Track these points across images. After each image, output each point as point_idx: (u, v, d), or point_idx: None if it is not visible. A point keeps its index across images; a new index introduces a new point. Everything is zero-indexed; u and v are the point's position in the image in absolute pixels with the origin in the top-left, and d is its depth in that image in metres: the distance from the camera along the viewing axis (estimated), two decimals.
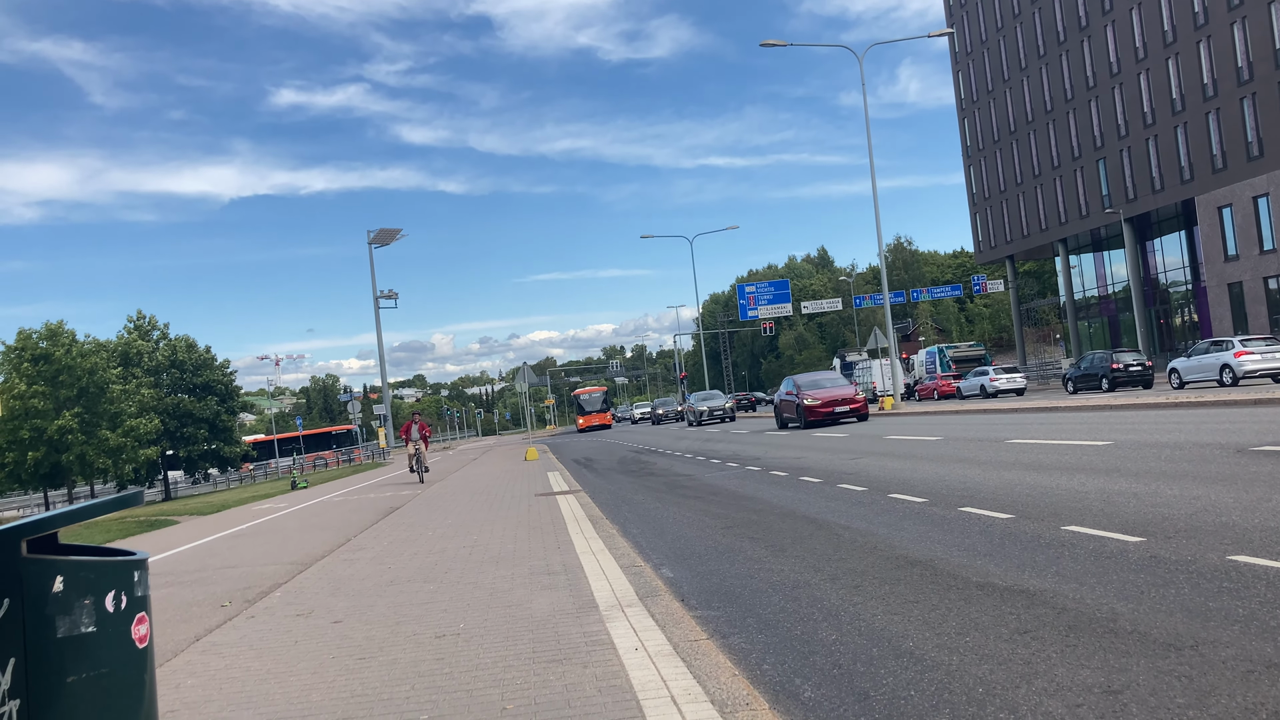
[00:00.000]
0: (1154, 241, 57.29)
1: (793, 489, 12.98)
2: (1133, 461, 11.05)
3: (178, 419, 58.29)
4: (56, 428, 44.65)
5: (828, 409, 29.29)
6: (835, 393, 30.20)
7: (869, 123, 35.54)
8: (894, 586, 6.34)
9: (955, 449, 15.88)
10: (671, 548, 9.40)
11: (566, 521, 11.86)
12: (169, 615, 8.20)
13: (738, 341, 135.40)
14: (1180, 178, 51.39)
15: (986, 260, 74.29)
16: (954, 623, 5.26)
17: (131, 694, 3.16)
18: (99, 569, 3.07)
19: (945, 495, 10.21)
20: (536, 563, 8.82)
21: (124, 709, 3.13)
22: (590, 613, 6.41)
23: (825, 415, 29.20)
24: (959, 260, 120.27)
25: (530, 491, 17.45)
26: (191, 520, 22.09)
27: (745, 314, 76.67)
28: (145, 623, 3.20)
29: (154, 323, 60.94)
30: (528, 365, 37.77)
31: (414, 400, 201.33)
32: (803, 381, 31.58)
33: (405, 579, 8.80)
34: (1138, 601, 5.17)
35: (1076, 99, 59.05)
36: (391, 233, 53.55)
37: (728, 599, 6.72)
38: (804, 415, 29.36)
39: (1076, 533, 7.25)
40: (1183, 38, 50.01)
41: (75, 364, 45.89)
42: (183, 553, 14.16)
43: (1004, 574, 6.26)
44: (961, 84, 72.37)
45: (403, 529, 13.49)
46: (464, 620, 6.62)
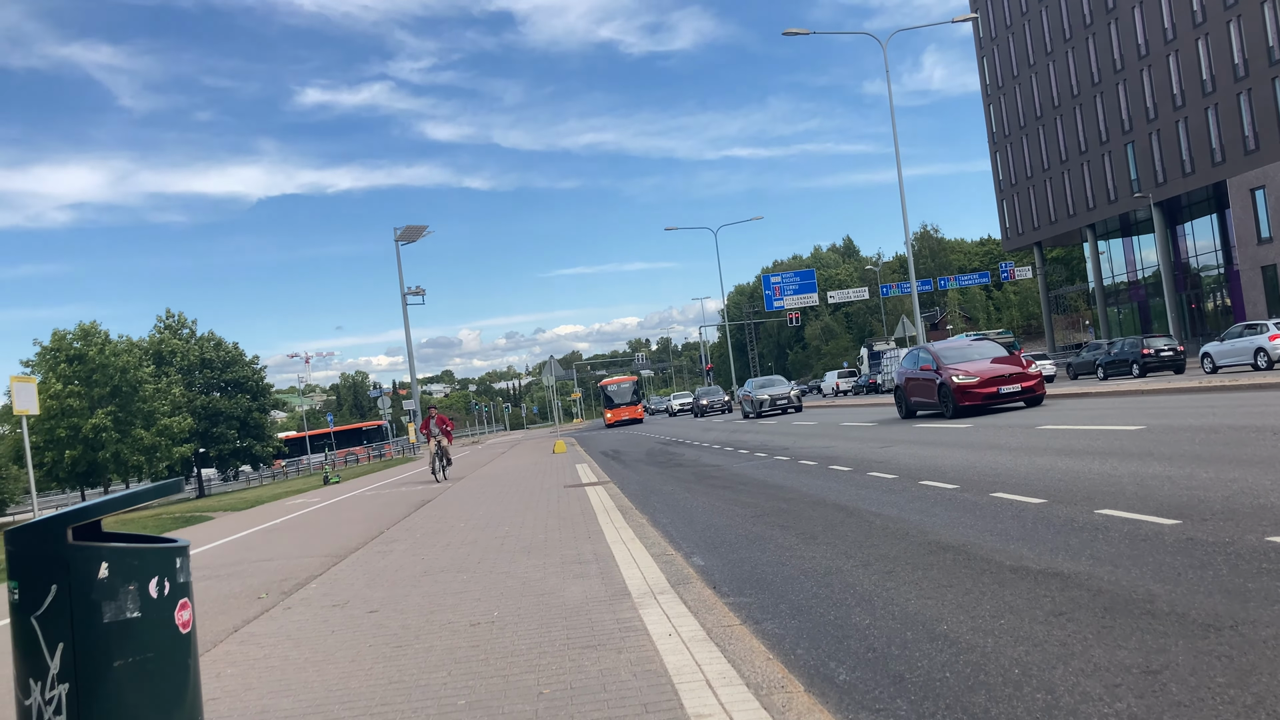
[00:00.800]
0: (1185, 225, 56.62)
1: (822, 477, 12.96)
2: (1166, 445, 10.94)
3: (209, 418, 58.89)
4: (91, 426, 45.25)
5: (989, 389, 20.83)
6: (996, 367, 21.38)
7: (893, 110, 35.36)
8: (927, 571, 6.32)
9: (985, 435, 15.78)
10: (702, 536, 9.42)
11: (596, 512, 11.90)
12: (207, 607, 8.30)
13: (763, 333, 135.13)
14: (1211, 160, 50.74)
15: (1014, 247, 73.69)
16: (988, 606, 5.24)
17: (176, 678, 3.21)
18: (142, 555, 3.12)
19: (976, 481, 10.16)
20: (568, 552, 8.86)
21: (169, 692, 3.18)
22: (623, 600, 6.44)
23: (987, 398, 20.84)
24: (986, 248, 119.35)
25: (559, 483, 17.51)
26: (226, 516, 22.32)
27: (771, 305, 76.49)
28: (188, 608, 3.25)
29: (184, 320, 61.62)
30: (554, 359, 37.97)
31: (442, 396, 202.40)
32: (944, 352, 22.82)
33: (438, 569, 8.87)
34: (1175, 583, 5.13)
35: (1104, 82, 58.41)
36: (418, 230, 53.84)
37: (759, 586, 6.72)
38: (952, 399, 20.86)
39: (1110, 516, 7.20)
40: (1212, 17, 49.33)
41: (109, 363, 46.47)
42: (219, 547, 14.33)
43: (1038, 557, 6.23)
44: (986, 70, 71.75)
45: (435, 521, 13.59)
46: (498, 608, 6.66)
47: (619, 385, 69.14)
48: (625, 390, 68.25)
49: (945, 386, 21.26)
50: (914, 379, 23.36)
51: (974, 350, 23.25)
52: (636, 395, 68.61)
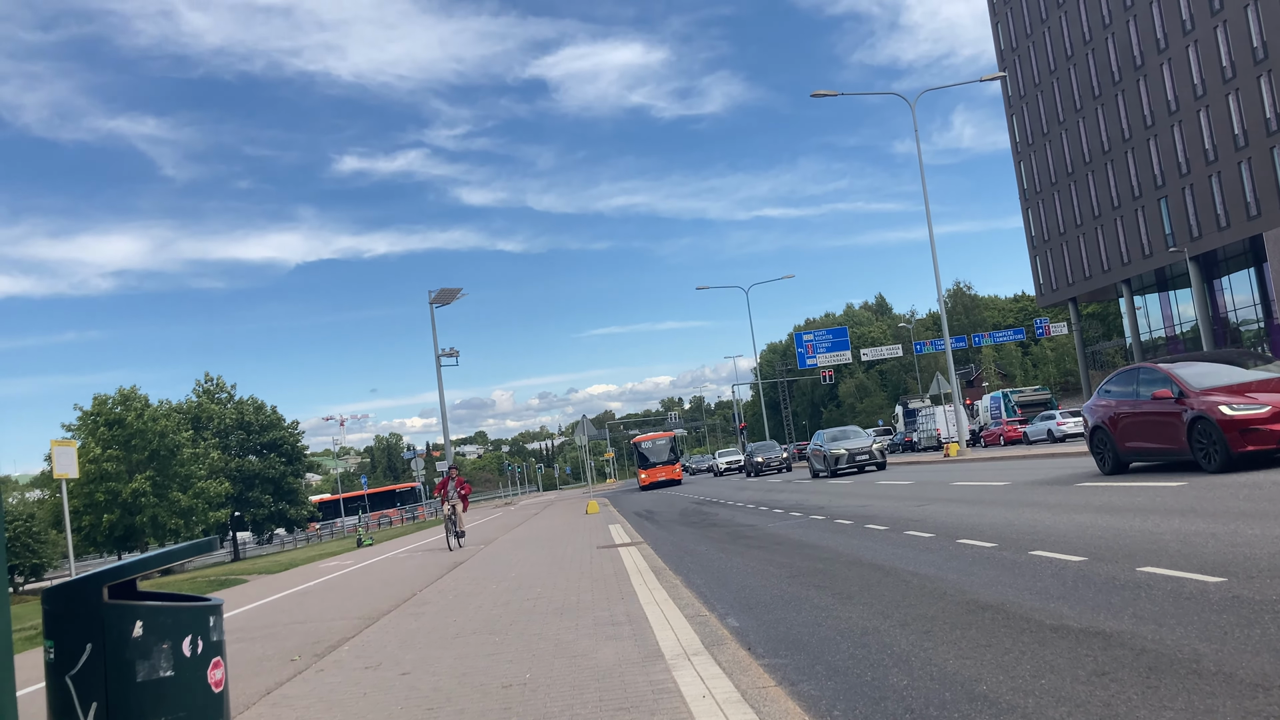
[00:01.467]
0: (1222, 280, 56.09)
1: (858, 537, 12.81)
2: (1209, 501, 10.74)
3: (244, 481, 59.30)
4: (130, 490, 45.68)
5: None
6: None
7: (923, 169, 35.49)
8: (965, 631, 6.21)
9: (1023, 494, 15.56)
10: (736, 597, 9.31)
11: (629, 573, 11.81)
12: (240, 669, 8.29)
13: (797, 391, 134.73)
14: (1246, 214, 50.40)
15: (1048, 303, 73.25)
16: (1028, 665, 5.14)
17: None
18: (176, 614, 3.14)
19: (1015, 539, 10.00)
20: (601, 613, 8.79)
21: None
22: (656, 662, 6.37)
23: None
24: (1020, 304, 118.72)
25: (592, 544, 17.42)
26: (260, 579, 22.37)
27: (803, 362, 76.33)
28: (220, 667, 3.26)
29: (221, 384, 62.36)
30: (586, 418, 38.07)
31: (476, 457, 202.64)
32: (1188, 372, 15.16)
33: (470, 631, 8.82)
34: (1221, 642, 5.01)
35: (1134, 138, 58.40)
36: (452, 292, 54.32)
37: (795, 647, 6.63)
38: (1222, 443, 13.52)
39: (1153, 574, 7.05)
40: (1242, 73, 49.35)
41: (147, 428, 47.03)
42: (252, 609, 14.34)
43: (1079, 616, 6.10)
44: (1016, 127, 71.98)
45: (467, 583, 13.54)
46: (530, 670, 6.61)
47: (654, 442, 60.20)
48: (661, 447, 59.55)
49: (1204, 422, 13.93)
50: (1132, 414, 15.92)
51: (1225, 369, 15.58)
52: (674, 453, 59.65)
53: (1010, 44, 70.74)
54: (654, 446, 60.03)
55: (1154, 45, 55.42)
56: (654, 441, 60.63)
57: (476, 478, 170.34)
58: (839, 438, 35.14)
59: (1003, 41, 71.82)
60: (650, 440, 60.98)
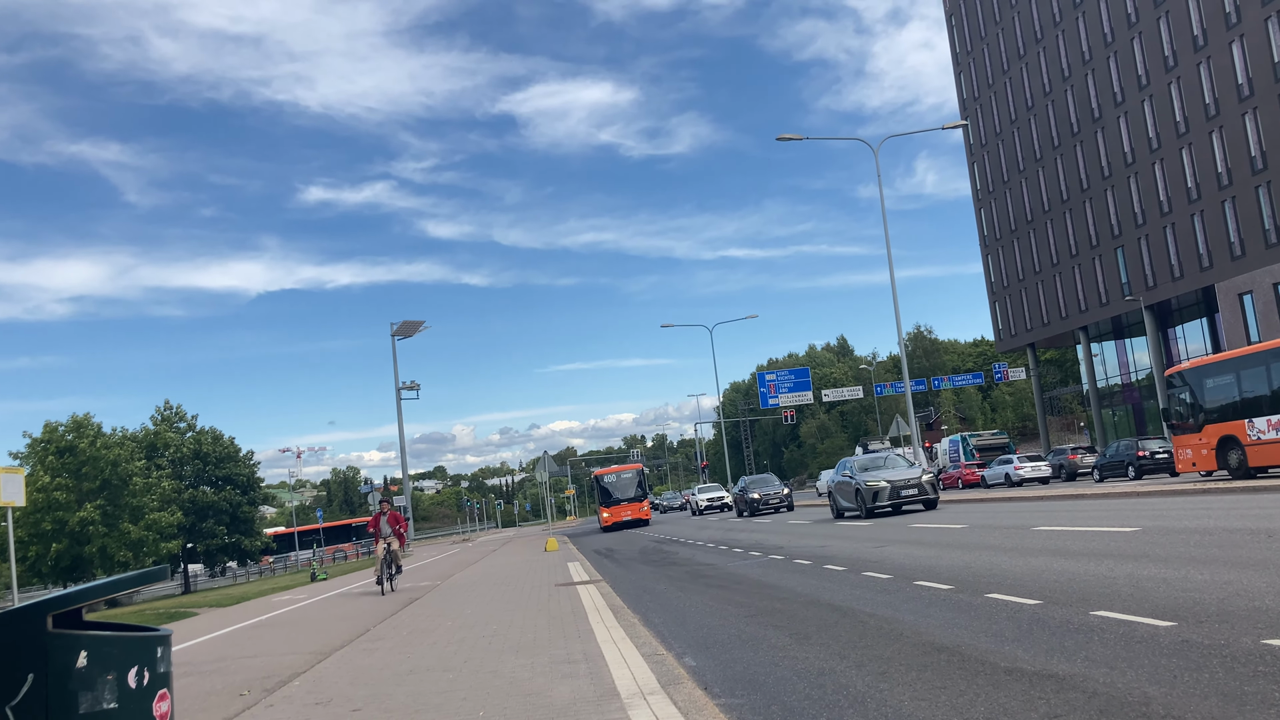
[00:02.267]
0: (1176, 329, 57.14)
1: (816, 577, 12.82)
2: (1161, 547, 10.88)
3: (196, 512, 58.31)
4: (78, 520, 44.73)
5: None
6: None
7: (885, 214, 35.97)
8: (921, 673, 6.23)
9: (981, 536, 15.68)
10: (694, 636, 9.28)
11: (587, 611, 11.73)
12: (187, 704, 8.12)
13: (759, 430, 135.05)
14: (1199, 265, 51.49)
15: (1007, 348, 74.19)
16: (982, 708, 5.16)
17: None
18: (123, 644, 3.08)
19: (971, 582, 10.06)
20: (557, 651, 8.72)
21: None
22: (611, 701, 6.32)
23: None
24: (980, 349, 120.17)
25: (550, 581, 17.29)
26: (211, 612, 21.96)
27: (766, 402, 76.66)
28: (167, 699, 3.19)
29: (181, 414, 61.45)
30: (548, 454, 37.63)
31: (434, 492, 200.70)
32: None
33: (424, 668, 8.71)
34: (1170, 685, 5.06)
35: (1092, 188, 59.60)
36: (414, 325, 54.17)
37: (751, 687, 6.61)
38: None
39: (1105, 617, 7.12)
40: (1195, 128, 50.61)
41: (99, 456, 46.16)
42: (202, 643, 14.06)
43: (1032, 659, 6.15)
44: (977, 175, 73.23)
45: (423, 619, 13.38)
46: (483, 709, 6.53)
47: (618, 476, 52.66)
48: (627, 482, 51.97)
49: None
50: None
51: None
52: (641, 489, 52.04)
53: (973, 93, 72.15)
54: (618, 481, 51.93)
55: (1111, 99, 56.75)
56: (618, 475, 52.48)
57: (434, 514, 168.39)
58: (873, 466, 27.63)
59: (965, 90, 73.25)
60: (614, 474, 52.86)
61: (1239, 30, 47.15)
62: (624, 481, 52.11)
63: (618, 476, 52.37)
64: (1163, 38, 52.47)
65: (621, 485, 51.92)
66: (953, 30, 74.84)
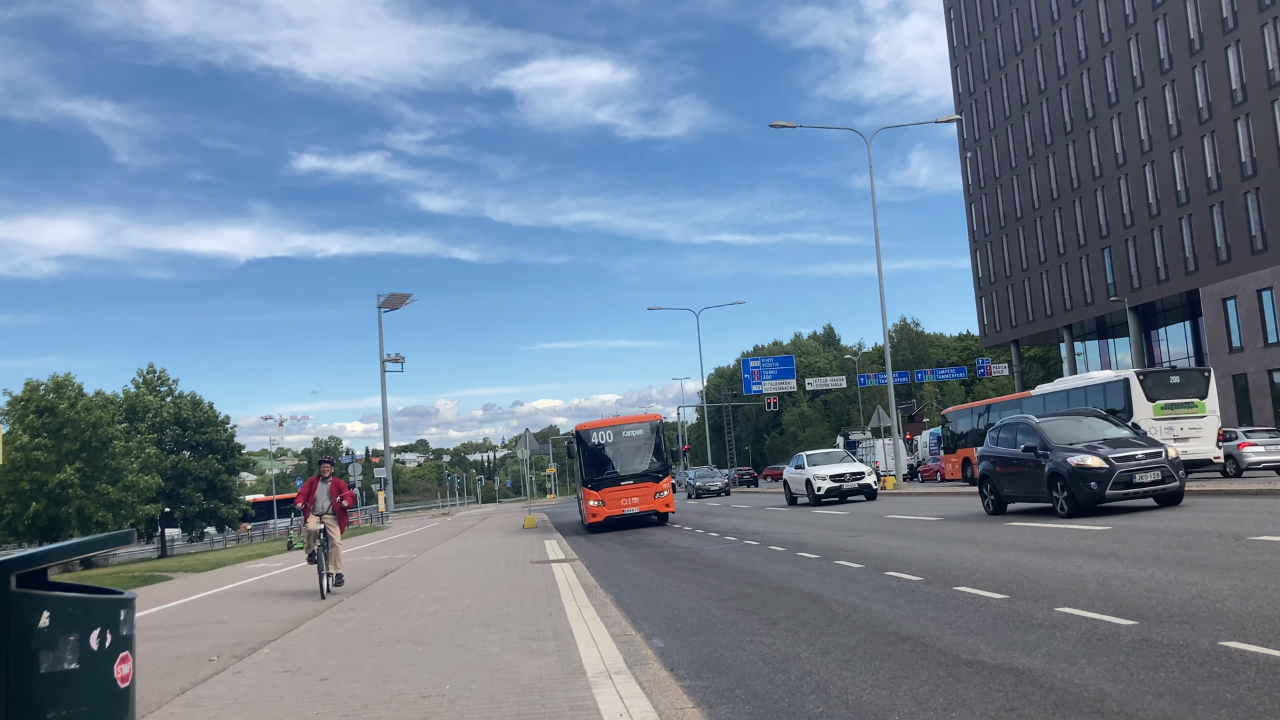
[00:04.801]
0: (1159, 331, 57.46)
1: (789, 564, 12.92)
2: (1130, 546, 10.99)
3: (176, 477, 58.17)
4: (58, 481, 44.56)
5: None
6: None
7: (875, 205, 35.98)
8: (884, 662, 6.31)
9: (954, 530, 15.80)
10: (664, 618, 9.35)
11: (560, 589, 11.79)
12: (155, 668, 8.14)
13: (741, 416, 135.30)
14: (1185, 268, 51.74)
15: (991, 344, 74.48)
16: (940, 699, 5.23)
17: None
18: (86, 606, 3.10)
19: (941, 574, 10.16)
20: (527, 628, 8.77)
21: None
22: (578, 679, 6.37)
23: None
24: (964, 343, 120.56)
25: (526, 558, 17.36)
26: (185, 577, 21.94)
27: (749, 388, 76.79)
28: (128, 662, 3.22)
29: (164, 378, 61.19)
30: (529, 432, 37.58)
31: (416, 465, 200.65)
32: None
33: (395, 640, 8.75)
34: (1126, 683, 5.15)
35: (1083, 188, 59.76)
36: (401, 298, 54.00)
37: (717, 670, 6.67)
38: None
39: (1070, 614, 7.21)
40: (1187, 131, 50.75)
41: (79, 417, 45.92)
42: (174, 608, 14.07)
43: (994, 652, 6.23)
44: (969, 170, 73.31)
45: (396, 591, 13.42)
46: (450, 682, 6.58)
47: (618, 433, 28.99)
48: (634, 443, 29.04)
49: None
50: None
51: None
52: (659, 459, 28.94)
53: (968, 88, 72.13)
54: (617, 442, 28.73)
55: (1105, 99, 56.81)
56: (617, 433, 28.93)
57: (415, 487, 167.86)
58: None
59: (961, 85, 73.20)
60: (610, 429, 29.04)
61: (1235, 35, 47.25)
62: (628, 442, 28.67)
63: (616, 434, 28.59)
64: (1159, 40, 52.54)
65: (623, 449, 28.51)
66: (951, 23, 74.76)
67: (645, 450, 27.65)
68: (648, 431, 27.85)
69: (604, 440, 27.63)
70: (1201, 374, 29.15)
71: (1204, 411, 27.55)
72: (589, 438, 27.59)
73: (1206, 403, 27.69)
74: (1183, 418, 27.01)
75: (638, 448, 27.70)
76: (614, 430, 27.75)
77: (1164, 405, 27.39)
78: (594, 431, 27.77)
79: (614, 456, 27.35)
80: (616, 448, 27.51)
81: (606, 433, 27.79)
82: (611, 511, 26.27)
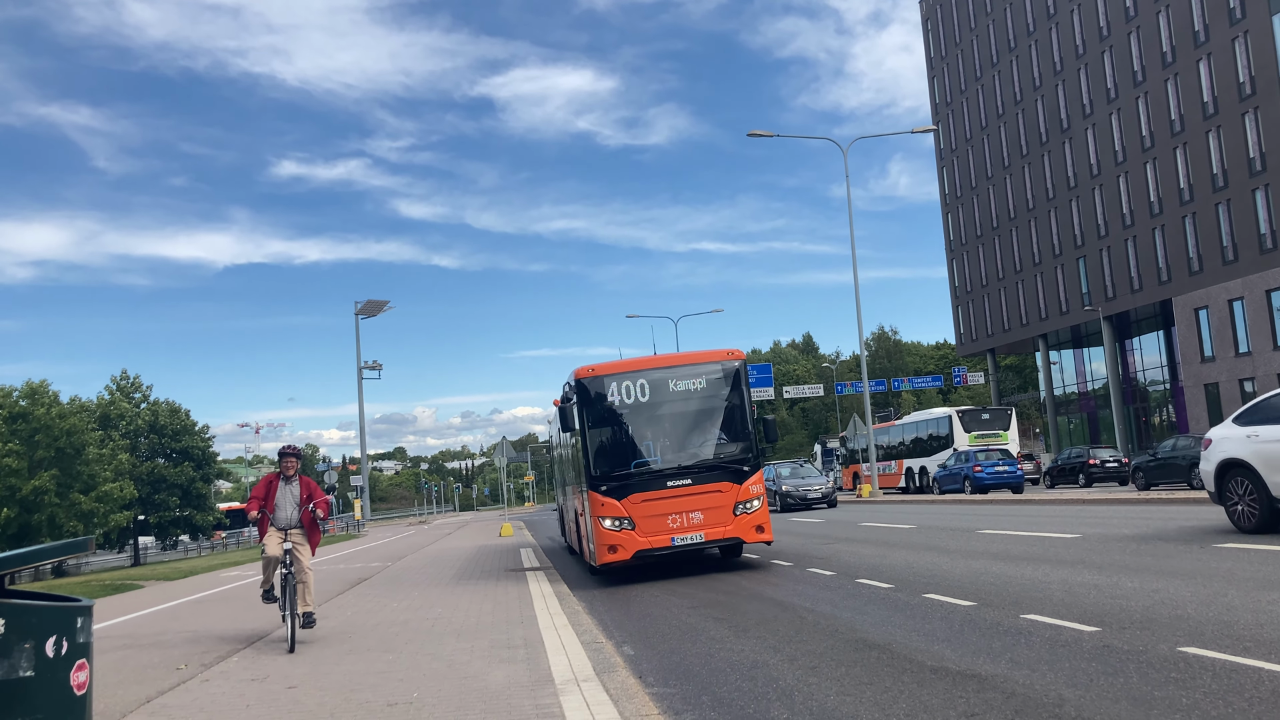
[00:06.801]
0: (1133, 340, 57.99)
1: (761, 571, 12.97)
2: (1097, 554, 11.10)
3: (151, 484, 57.69)
4: (31, 488, 44.09)
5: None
6: None
7: (851, 214, 36.21)
8: (850, 669, 6.35)
9: (927, 537, 15.90)
10: (635, 626, 9.37)
11: (533, 597, 11.79)
12: (122, 676, 8.09)
13: None
14: (1158, 278, 52.26)
15: (968, 353, 74.94)
16: (904, 705, 5.28)
17: None
18: (41, 613, 3.10)
19: (911, 582, 10.23)
20: (498, 636, 8.77)
21: None
22: (545, 686, 6.38)
23: None
24: (941, 352, 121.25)
25: (501, 567, 17.34)
26: (157, 585, 21.77)
27: None
28: (85, 669, 3.21)
29: (138, 384, 60.69)
30: (506, 440, 37.55)
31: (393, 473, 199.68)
32: None
33: (365, 648, 8.73)
34: (1086, 688, 5.21)
35: (1058, 198, 60.28)
36: (379, 304, 53.84)
37: (685, 677, 6.70)
38: None
39: (1035, 621, 7.29)
40: (1160, 143, 51.31)
41: (54, 424, 45.48)
42: (143, 616, 13.97)
43: (959, 659, 6.28)
44: (946, 180, 73.82)
45: (369, 600, 13.38)
46: (418, 690, 6.58)
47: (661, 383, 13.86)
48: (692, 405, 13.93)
49: None
50: None
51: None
52: (741, 433, 13.83)
53: (945, 99, 72.66)
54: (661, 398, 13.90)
55: (1080, 110, 57.36)
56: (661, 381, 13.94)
57: (392, 494, 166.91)
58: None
59: (938, 95, 73.73)
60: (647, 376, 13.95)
61: (1207, 49, 47.83)
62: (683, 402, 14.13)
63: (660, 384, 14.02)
64: (1133, 53, 53.11)
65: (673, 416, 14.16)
66: (928, 34, 75.33)
67: (715, 418, 14.10)
68: (719, 381, 14.10)
69: (636, 396, 13.87)
70: (1005, 412, 41.22)
71: (1006, 440, 38.87)
72: (604, 391, 13.87)
73: (1008, 434, 39.65)
74: (992, 446, 36.10)
75: (702, 413, 14.10)
76: (657, 377, 14.01)
77: (977, 435, 38.69)
78: (615, 379, 13.90)
79: (654, 430, 14.01)
80: (660, 412, 14.03)
81: (640, 382, 13.92)
82: (650, 541, 13.23)
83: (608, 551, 13.14)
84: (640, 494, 13.17)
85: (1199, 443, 28.16)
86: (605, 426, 13.72)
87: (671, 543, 13.10)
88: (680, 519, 13.19)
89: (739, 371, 14.03)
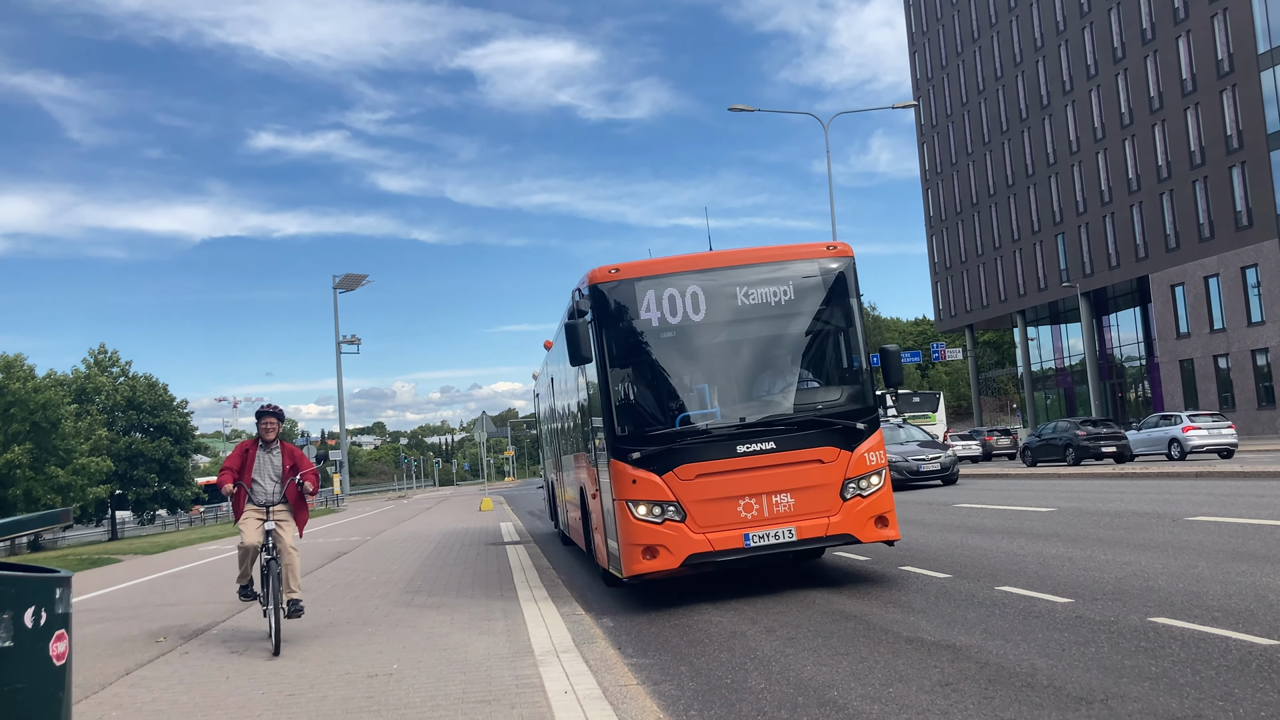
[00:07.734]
0: (1110, 316, 58.42)
1: None
2: (1072, 527, 11.23)
3: (129, 459, 57.37)
4: (4, 461, 43.78)
5: None
6: None
7: (831, 188, 36.23)
8: (827, 639, 6.42)
9: (903, 512, 16.01)
10: (615, 597, 9.42)
11: (513, 570, 11.83)
12: (101, 649, 8.09)
13: None
14: (1135, 255, 52.60)
15: (946, 329, 75.30)
16: (880, 674, 5.35)
17: (46, 711, 3.17)
18: (20, 584, 3.10)
19: (888, 555, 10.32)
20: (478, 609, 8.81)
21: None
22: (525, 657, 6.43)
23: None
24: (920, 327, 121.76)
25: (481, 541, 17.38)
26: (135, 559, 21.71)
27: None
28: (64, 640, 3.22)
29: (115, 359, 60.19)
30: (486, 415, 37.53)
31: (373, 448, 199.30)
32: None
33: (344, 621, 8.76)
34: (1058, 658, 5.29)
35: (1037, 174, 60.48)
36: (357, 278, 53.62)
37: (663, 648, 6.76)
38: None
39: (1009, 593, 7.38)
40: (1139, 120, 51.51)
41: (29, 398, 45.12)
42: (122, 590, 13.94)
43: (934, 629, 6.36)
44: (926, 156, 73.90)
45: (348, 574, 13.39)
46: (398, 661, 6.61)
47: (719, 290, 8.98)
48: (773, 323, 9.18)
49: None
50: None
51: None
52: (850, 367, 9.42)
53: (926, 74, 72.61)
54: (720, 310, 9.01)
55: (1060, 87, 57.47)
56: (719, 287, 9.01)
57: (372, 469, 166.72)
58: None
59: (919, 71, 73.68)
60: (699, 279, 8.99)
61: (1186, 26, 47.96)
62: (755, 319, 9.15)
63: (719, 292, 9.02)
64: (1113, 29, 53.20)
65: (742, 341, 9.23)
66: (910, 9, 75.19)
67: (810, 347, 9.45)
68: (815, 288, 9.43)
69: (685, 312, 8.98)
70: (933, 396, 46.45)
71: (934, 421, 43.37)
72: (636, 303, 8.98)
73: (936, 415, 44.83)
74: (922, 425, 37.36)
75: (789, 339, 9.38)
76: (718, 282, 9.12)
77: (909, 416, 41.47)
78: (652, 284, 9.01)
79: (715, 365, 9.24)
80: (723, 337, 9.21)
81: (691, 290, 9.00)
82: (711, 540, 8.36)
83: (642, 556, 8.28)
84: (694, 465, 8.43)
85: (1076, 426, 29.49)
86: (637, 360, 8.91)
87: (745, 542, 8.29)
88: (759, 505, 8.41)
89: (844, 275, 9.32)
